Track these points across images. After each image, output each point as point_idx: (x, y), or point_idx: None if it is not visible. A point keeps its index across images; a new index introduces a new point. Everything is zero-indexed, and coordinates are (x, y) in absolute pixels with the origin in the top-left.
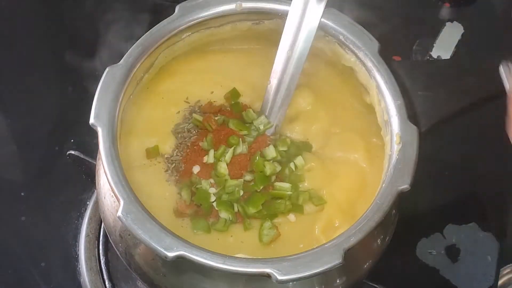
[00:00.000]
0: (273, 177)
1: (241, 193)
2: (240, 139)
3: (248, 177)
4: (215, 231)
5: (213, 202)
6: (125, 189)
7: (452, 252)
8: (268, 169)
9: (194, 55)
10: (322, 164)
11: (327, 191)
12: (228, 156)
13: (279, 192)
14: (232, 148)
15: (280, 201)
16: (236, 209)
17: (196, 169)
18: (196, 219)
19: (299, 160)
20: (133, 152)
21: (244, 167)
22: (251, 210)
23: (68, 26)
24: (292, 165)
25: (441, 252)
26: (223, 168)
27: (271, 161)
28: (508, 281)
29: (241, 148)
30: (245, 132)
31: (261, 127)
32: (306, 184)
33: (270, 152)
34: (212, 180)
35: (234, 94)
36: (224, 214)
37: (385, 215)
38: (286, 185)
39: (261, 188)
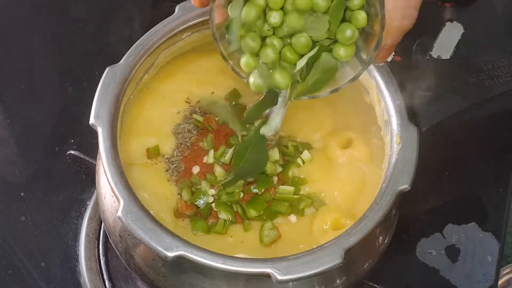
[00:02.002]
0: (275, 179)
1: (241, 194)
2: (240, 139)
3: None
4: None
5: (212, 203)
6: (125, 189)
7: (452, 252)
8: (268, 168)
9: (194, 55)
10: (322, 164)
11: (327, 192)
12: (228, 156)
13: (284, 196)
14: (232, 148)
15: (281, 203)
16: (235, 209)
17: (196, 169)
18: (195, 219)
19: (305, 154)
20: (133, 152)
21: None
22: (253, 213)
23: (68, 26)
24: (299, 160)
25: (441, 252)
26: (218, 170)
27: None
28: (508, 281)
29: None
30: (245, 132)
31: None
32: (307, 187)
33: (274, 154)
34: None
35: (234, 94)
36: (223, 215)
37: (385, 215)
38: (290, 189)
39: (262, 191)
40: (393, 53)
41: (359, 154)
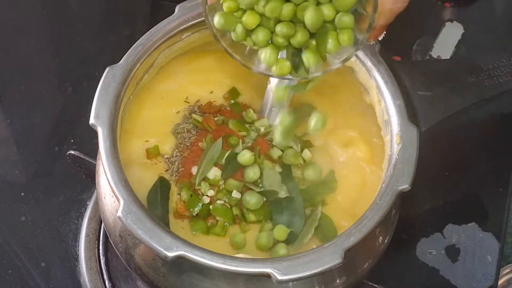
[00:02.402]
0: None
1: (240, 196)
2: (240, 140)
3: None
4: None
5: (210, 204)
6: (125, 189)
7: (452, 252)
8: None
9: (194, 55)
10: (322, 164)
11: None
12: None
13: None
14: (229, 151)
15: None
16: (234, 213)
17: (194, 170)
18: (195, 220)
19: (306, 154)
20: (133, 152)
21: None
22: (252, 218)
23: (68, 26)
24: (300, 159)
25: (441, 252)
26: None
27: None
28: (508, 281)
29: (241, 149)
30: (244, 133)
31: (262, 129)
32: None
33: (274, 153)
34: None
35: (233, 93)
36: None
37: (385, 215)
38: None
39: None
40: (385, 33)
41: (360, 153)
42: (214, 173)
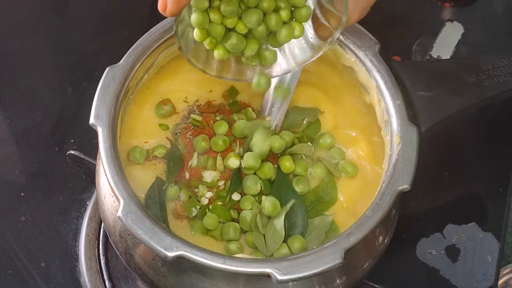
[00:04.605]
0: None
1: (239, 196)
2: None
3: None
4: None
5: (208, 205)
6: (125, 189)
7: (452, 252)
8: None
9: None
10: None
11: None
12: (219, 162)
13: None
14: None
15: None
16: (232, 216)
17: (187, 174)
18: (194, 220)
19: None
20: (133, 153)
21: None
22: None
23: (68, 26)
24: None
25: (441, 252)
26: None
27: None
28: (508, 281)
29: (239, 150)
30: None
31: None
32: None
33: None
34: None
35: (232, 92)
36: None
37: (385, 215)
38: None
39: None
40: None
41: (361, 152)
42: (212, 175)
